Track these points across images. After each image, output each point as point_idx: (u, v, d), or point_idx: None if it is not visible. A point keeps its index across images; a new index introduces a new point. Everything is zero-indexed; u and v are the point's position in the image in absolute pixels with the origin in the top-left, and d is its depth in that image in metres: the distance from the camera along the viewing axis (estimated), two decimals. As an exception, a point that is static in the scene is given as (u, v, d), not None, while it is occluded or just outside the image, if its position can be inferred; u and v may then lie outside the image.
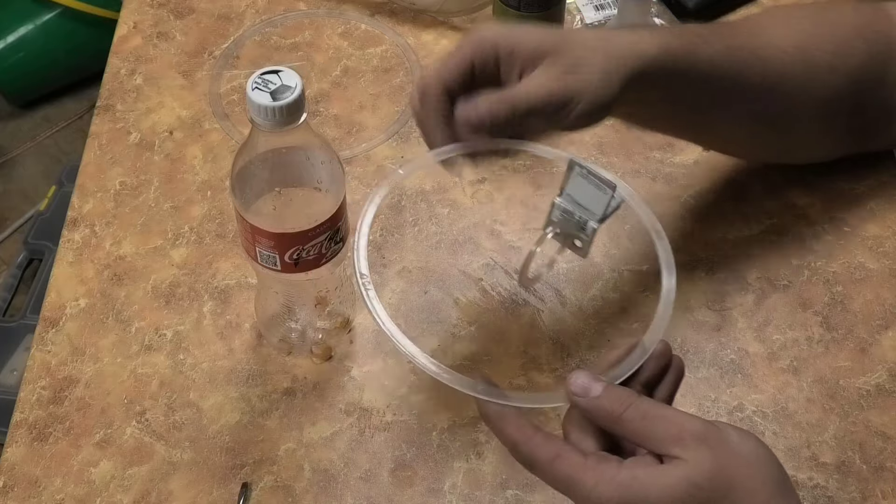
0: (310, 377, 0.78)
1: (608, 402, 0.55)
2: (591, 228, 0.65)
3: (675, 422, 0.54)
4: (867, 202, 0.87)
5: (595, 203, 0.64)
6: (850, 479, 0.72)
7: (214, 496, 0.72)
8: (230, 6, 1.02)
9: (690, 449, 0.53)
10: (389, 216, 0.86)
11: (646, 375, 0.59)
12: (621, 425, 0.55)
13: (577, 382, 0.56)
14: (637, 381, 0.58)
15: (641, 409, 0.54)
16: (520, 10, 0.84)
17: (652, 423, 0.54)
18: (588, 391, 0.55)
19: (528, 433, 0.55)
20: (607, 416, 0.55)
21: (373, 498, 0.72)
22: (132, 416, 0.76)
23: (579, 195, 0.64)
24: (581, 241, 0.66)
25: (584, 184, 0.64)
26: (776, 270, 0.83)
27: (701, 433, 0.53)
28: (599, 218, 0.64)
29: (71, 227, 0.86)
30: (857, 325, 0.80)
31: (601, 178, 0.62)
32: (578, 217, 0.65)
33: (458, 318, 0.80)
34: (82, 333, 0.80)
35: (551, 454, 0.55)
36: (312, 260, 0.69)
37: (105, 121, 0.93)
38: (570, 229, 0.66)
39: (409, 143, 0.91)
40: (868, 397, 0.76)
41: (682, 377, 0.60)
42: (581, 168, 0.63)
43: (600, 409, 0.55)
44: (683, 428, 0.53)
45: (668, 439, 0.53)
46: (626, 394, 0.55)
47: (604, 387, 0.55)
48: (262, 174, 0.67)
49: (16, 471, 0.73)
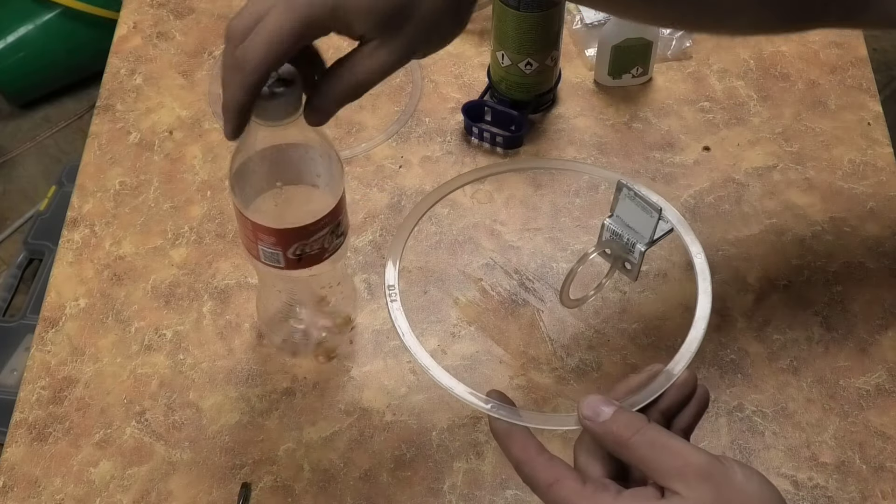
0: (309, 377, 0.78)
1: (616, 427, 0.53)
2: (638, 251, 0.64)
3: (680, 454, 0.52)
4: (867, 202, 0.87)
5: (643, 226, 0.63)
6: (849, 479, 0.72)
7: (214, 496, 0.72)
8: (230, 6, 1.02)
9: (692, 485, 0.51)
10: (389, 216, 0.86)
11: (666, 404, 0.57)
12: (628, 451, 0.53)
13: (588, 405, 0.54)
14: (656, 409, 0.57)
15: (649, 436, 0.53)
16: (519, 10, 0.84)
17: (657, 452, 0.52)
18: (598, 415, 0.54)
19: (531, 454, 0.55)
20: (615, 440, 0.53)
21: (373, 498, 0.72)
22: (132, 416, 0.76)
23: (628, 217, 0.63)
24: (630, 264, 0.65)
25: (631, 206, 0.63)
26: (776, 270, 0.83)
27: (705, 469, 0.52)
28: (647, 242, 0.63)
29: (71, 227, 0.86)
30: (857, 325, 0.80)
31: (648, 200, 0.62)
32: (627, 239, 0.64)
33: (458, 318, 0.80)
34: (82, 333, 0.80)
35: (550, 478, 0.54)
36: (315, 255, 0.69)
37: (105, 121, 0.93)
38: (620, 251, 0.65)
39: (409, 143, 0.91)
40: (868, 397, 0.76)
41: (705, 409, 0.59)
42: (629, 190, 0.62)
43: (608, 433, 0.54)
44: (687, 462, 0.52)
45: (670, 471, 0.52)
46: (635, 419, 0.54)
47: (615, 410, 0.54)
48: (261, 171, 0.67)
49: (16, 471, 0.73)
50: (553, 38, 0.88)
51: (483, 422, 0.75)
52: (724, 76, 0.96)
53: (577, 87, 0.95)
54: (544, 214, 0.87)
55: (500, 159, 0.90)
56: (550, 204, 0.87)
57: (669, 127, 0.92)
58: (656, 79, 0.96)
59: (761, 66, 0.97)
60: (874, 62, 0.98)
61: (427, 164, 0.90)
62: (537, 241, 0.85)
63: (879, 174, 0.88)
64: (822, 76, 0.96)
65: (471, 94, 0.94)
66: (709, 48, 0.98)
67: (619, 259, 0.66)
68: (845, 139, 0.91)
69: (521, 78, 0.90)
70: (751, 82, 0.96)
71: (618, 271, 0.67)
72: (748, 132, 0.92)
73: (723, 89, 0.95)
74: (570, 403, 0.76)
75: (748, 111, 0.94)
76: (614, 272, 0.67)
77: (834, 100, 0.94)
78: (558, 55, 0.91)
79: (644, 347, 0.79)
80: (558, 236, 0.85)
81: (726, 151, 0.91)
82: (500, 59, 0.89)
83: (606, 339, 0.79)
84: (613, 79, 0.95)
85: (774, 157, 0.90)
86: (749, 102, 0.94)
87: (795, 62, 0.97)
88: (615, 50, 0.92)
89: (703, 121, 0.93)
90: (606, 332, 0.79)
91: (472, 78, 0.96)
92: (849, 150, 0.90)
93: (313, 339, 0.78)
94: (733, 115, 0.93)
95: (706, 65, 0.97)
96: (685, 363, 0.57)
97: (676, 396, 0.57)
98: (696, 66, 0.97)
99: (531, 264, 0.83)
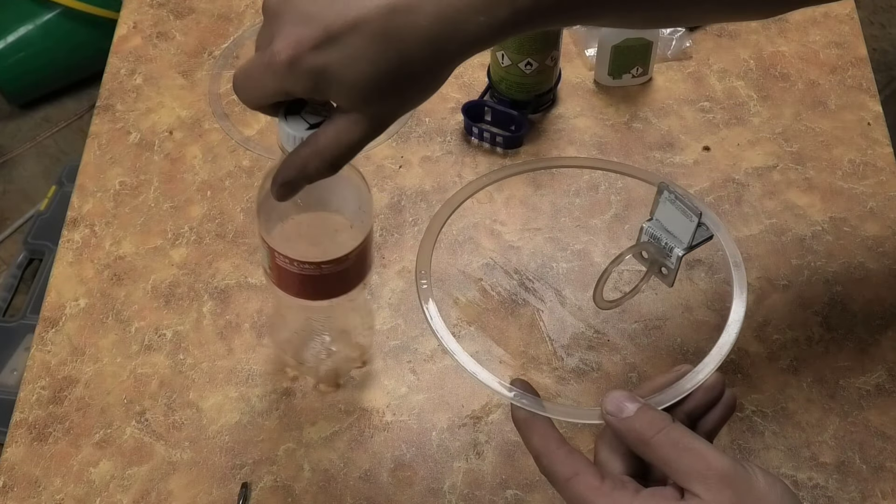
0: (310, 377, 0.78)
1: (639, 424, 0.53)
2: (675, 256, 0.63)
3: (703, 456, 0.51)
4: (867, 202, 0.87)
5: (682, 230, 0.62)
6: (849, 479, 0.72)
7: (214, 496, 0.72)
8: (230, 6, 1.02)
9: (713, 488, 0.50)
10: (389, 216, 0.86)
11: (691, 405, 0.57)
12: (650, 450, 0.52)
13: (612, 400, 0.54)
14: (681, 410, 0.56)
15: (672, 436, 0.52)
16: (520, 10, 0.85)
17: (680, 453, 0.52)
18: (622, 411, 0.53)
19: (551, 446, 0.54)
20: (637, 437, 0.53)
21: (373, 498, 0.72)
22: (132, 416, 0.76)
23: (668, 221, 0.62)
24: (667, 269, 0.64)
25: (672, 210, 0.62)
26: (776, 270, 0.83)
27: (727, 473, 0.51)
28: (686, 246, 0.62)
29: (71, 227, 0.86)
30: (857, 325, 0.80)
31: (688, 204, 0.61)
32: (665, 243, 0.63)
33: (458, 318, 0.80)
34: (82, 333, 0.80)
35: (569, 472, 0.53)
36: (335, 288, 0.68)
37: (105, 121, 0.93)
38: (658, 255, 0.64)
39: (409, 143, 0.91)
40: (868, 397, 0.76)
41: (731, 414, 0.58)
42: (670, 193, 0.61)
43: (631, 430, 0.53)
44: (710, 465, 0.51)
45: (692, 473, 0.51)
46: (659, 417, 0.53)
47: (638, 407, 0.53)
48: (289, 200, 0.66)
49: (16, 471, 0.73)
50: (553, 38, 0.88)
51: (483, 422, 0.75)
52: (724, 76, 0.96)
53: (577, 87, 0.95)
54: (544, 214, 0.87)
55: (506, 161, 0.90)
56: (550, 204, 0.87)
57: (669, 127, 0.92)
58: (656, 79, 0.96)
59: (761, 66, 0.97)
60: (874, 62, 0.98)
61: (427, 164, 0.90)
62: (537, 241, 0.85)
63: (879, 174, 0.88)
64: (822, 76, 0.96)
65: (471, 94, 0.94)
66: (709, 48, 0.98)
67: (655, 263, 0.65)
68: (845, 139, 0.91)
69: (521, 78, 0.90)
70: (751, 82, 0.96)
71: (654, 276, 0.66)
72: (748, 132, 0.92)
73: (723, 89, 0.95)
74: (570, 403, 0.76)
75: (748, 111, 0.94)
76: (650, 276, 0.66)
77: (834, 100, 0.94)
78: (558, 55, 0.91)
79: (644, 347, 0.79)
80: (558, 236, 0.85)
81: (726, 151, 0.91)
82: (500, 59, 0.89)
83: (606, 339, 0.79)
84: (613, 79, 0.95)
85: (774, 157, 0.90)
86: (749, 102, 0.94)
87: (795, 62, 0.97)
88: (615, 50, 0.92)
89: (703, 121, 0.93)
90: (606, 332, 0.79)
91: (472, 78, 0.96)
92: (849, 150, 0.90)
93: (323, 368, 0.77)
94: (733, 115, 0.93)
95: (706, 65, 0.97)
96: (714, 365, 0.57)
97: (703, 399, 0.57)
98: (696, 66, 0.97)
99: (531, 264, 0.83)
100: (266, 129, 0.92)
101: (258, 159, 0.90)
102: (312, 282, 0.67)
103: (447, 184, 0.88)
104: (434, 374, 0.78)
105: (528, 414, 0.55)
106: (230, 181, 0.89)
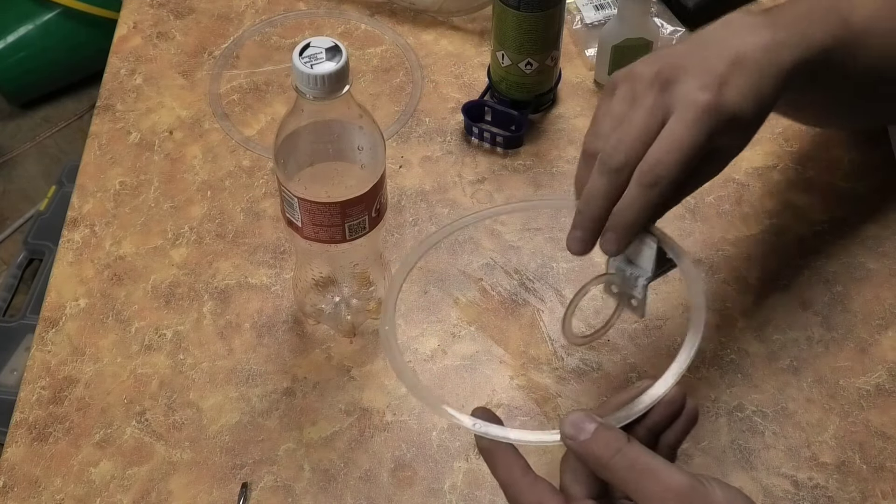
0: (310, 377, 0.78)
1: (597, 447, 0.53)
2: (641, 285, 0.63)
3: (660, 478, 0.52)
4: (867, 202, 0.87)
5: (645, 259, 0.62)
6: (850, 479, 0.73)
7: (214, 496, 0.72)
8: (230, 6, 1.02)
9: None
10: (389, 216, 0.86)
11: (654, 420, 0.57)
12: (609, 472, 0.53)
13: (571, 422, 0.54)
14: (643, 425, 0.57)
15: (629, 457, 0.52)
16: (519, 10, 0.84)
17: (637, 475, 0.52)
18: (580, 432, 0.53)
19: (515, 475, 0.55)
20: (595, 460, 0.53)
21: (373, 498, 0.72)
22: (132, 416, 0.76)
23: (632, 252, 0.63)
24: (636, 300, 0.64)
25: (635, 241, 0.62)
26: (776, 270, 0.83)
27: (684, 492, 0.51)
28: (649, 276, 0.63)
29: (71, 227, 0.86)
30: (857, 325, 0.80)
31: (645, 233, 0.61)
32: (630, 273, 0.64)
33: (458, 318, 0.80)
34: (82, 333, 0.80)
35: (533, 501, 0.54)
36: (357, 228, 0.70)
37: (105, 121, 0.93)
38: (625, 288, 0.65)
39: (409, 143, 0.91)
40: (868, 397, 0.76)
41: (692, 425, 0.58)
42: None
43: (589, 454, 0.53)
44: (667, 486, 0.51)
45: (651, 497, 0.51)
46: (615, 438, 0.53)
47: (595, 428, 0.53)
48: (305, 145, 0.67)
49: (16, 471, 0.73)
50: (553, 38, 0.88)
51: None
52: (724, 76, 0.96)
53: (577, 87, 0.95)
54: (544, 214, 0.86)
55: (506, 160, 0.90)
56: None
57: (669, 127, 0.92)
58: (656, 79, 0.96)
59: (761, 66, 0.97)
60: (874, 62, 0.98)
61: (427, 164, 0.90)
62: (537, 241, 0.85)
63: (879, 174, 0.88)
64: (822, 76, 0.96)
65: (471, 94, 0.94)
66: (709, 48, 0.98)
67: (624, 296, 0.65)
68: (845, 139, 0.91)
69: (521, 78, 0.90)
70: (751, 82, 0.96)
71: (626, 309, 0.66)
72: (748, 132, 0.92)
73: (723, 89, 0.95)
74: (569, 403, 0.76)
75: (748, 111, 0.93)
76: (622, 310, 0.67)
77: (834, 100, 0.94)
78: (558, 55, 0.91)
79: (644, 347, 0.79)
80: (558, 236, 0.85)
81: (726, 151, 0.90)
82: (501, 59, 0.89)
83: (606, 339, 0.79)
84: (613, 79, 0.95)
85: (774, 157, 0.90)
86: (749, 102, 0.94)
87: (795, 62, 0.97)
88: (615, 50, 0.92)
89: (703, 121, 0.93)
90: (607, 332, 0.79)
91: (472, 78, 0.96)
92: (849, 150, 0.90)
93: (343, 315, 0.78)
94: (733, 115, 0.93)
95: (706, 65, 0.97)
96: (673, 381, 0.57)
97: (664, 413, 0.57)
98: (696, 66, 0.97)
99: (531, 264, 0.83)
100: (266, 129, 0.92)
101: (258, 159, 0.90)
102: (334, 222, 0.69)
103: (447, 184, 0.88)
104: (434, 374, 0.78)
105: (492, 443, 0.56)
106: (230, 181, 0.89)
